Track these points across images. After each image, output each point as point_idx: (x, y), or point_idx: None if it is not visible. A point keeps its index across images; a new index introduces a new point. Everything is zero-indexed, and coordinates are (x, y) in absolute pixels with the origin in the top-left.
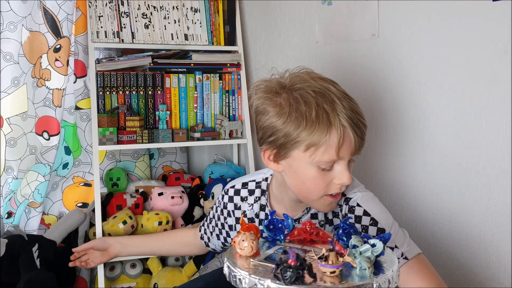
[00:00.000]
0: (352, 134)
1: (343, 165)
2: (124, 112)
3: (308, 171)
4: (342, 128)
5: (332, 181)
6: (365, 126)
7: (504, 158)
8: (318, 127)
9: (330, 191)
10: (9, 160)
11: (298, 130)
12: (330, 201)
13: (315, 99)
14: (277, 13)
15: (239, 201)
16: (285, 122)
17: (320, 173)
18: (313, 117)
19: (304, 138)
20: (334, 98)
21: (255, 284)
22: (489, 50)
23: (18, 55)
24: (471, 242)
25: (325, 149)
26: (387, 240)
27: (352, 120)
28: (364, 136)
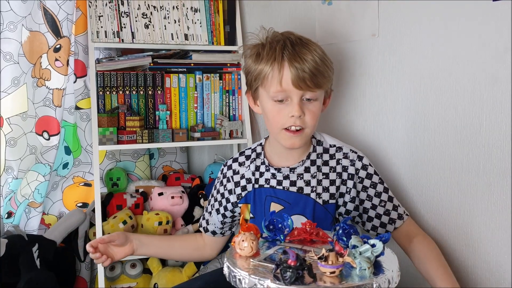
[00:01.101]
0: (290, 69)
1: (294, 99)
2: (124, 112)
3: (268, 105)
4: (282, 62)
5: (286, 114)
6: (313, 68)
7: (504, 158)
8: (266, 61)
9: (286, 124)
10: (9, 160)
11: (256, 65)
12: (288, 135)
13: (271, 43)
14: (277, 13)
15: (237, 167)
16: (252, 62)
17: (276, 106)
18: (264, 54)
19: (259, 72)
20: (287, 43)
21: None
22: (489, 50)
23: (18, 55)
24: (471, 242)
25: (271, 80)
26: (387, 240)
27: (293, 58)
28: (312, 76)
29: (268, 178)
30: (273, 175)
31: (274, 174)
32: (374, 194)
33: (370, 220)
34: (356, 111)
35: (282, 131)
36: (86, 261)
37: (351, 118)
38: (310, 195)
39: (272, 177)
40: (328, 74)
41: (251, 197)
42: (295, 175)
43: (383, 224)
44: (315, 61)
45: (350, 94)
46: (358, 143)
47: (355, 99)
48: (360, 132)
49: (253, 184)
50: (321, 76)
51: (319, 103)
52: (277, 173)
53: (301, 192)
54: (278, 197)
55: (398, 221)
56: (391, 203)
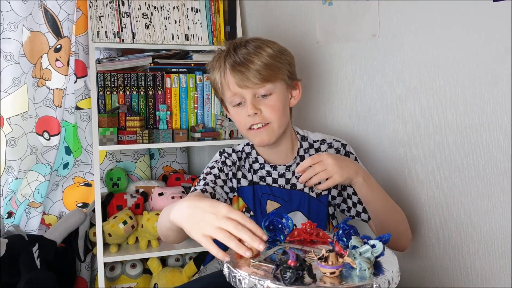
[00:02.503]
0: (232, 73)
1: (246, 99)
2: (125, 112)
3: (230, 110)
4: (224, 69)
5: (244, 115)
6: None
7: (504, 159)
8: (215, 71)
9: (247, 124)
10: (9, 160)
11: (211, 77)
12: (254, 133)
13: (220, 53)
14: (277, 13)
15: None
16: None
17: (235, 110)
18: (214, 63)
19: (213, 82)
20: (230, 48)
21: (254, 284)
22: (490, 50)
23: (19, 55)
24: (471, 242)
25: (222, 88)
26: (387, 241)
27: (234, 62)
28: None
29: (263, 175)
30: (268, 173)
31: (270, 172)
32: None
33: (354, 206)
34: (356, 111)
35: (248, 132)
36: (86, 261)
37: (351, 118)
38: (304, 190)
39: (268, 175)
40: (278, 66)
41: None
42: (290, 172)
43: (358, 213)
44: (260, 60)
45: (350, 94)
46: (358, 143)
47: (355, 99)
48: (360, 132)
49: (250, 180)
50: (268, 70)
51: (277, 96)
52: (273, 171)
53: (294, 189)
54: (275, 195)
55: None
56: None
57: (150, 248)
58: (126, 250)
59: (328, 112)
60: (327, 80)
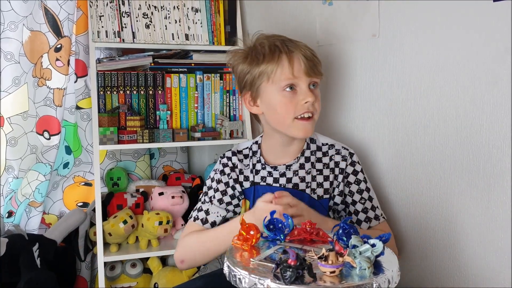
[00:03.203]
0: (301, 57)
1: (304, 86)
2: (125, 112)
3: (276, 97)
4: (290, 53)
5: (298, 102)
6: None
7: (504, 159)
8: (271, 56)
9: (298, 112)
10: (9, 160)
11: (258, 65)
12: (302, 124)
13: (267, 40)
14: (278, 13)
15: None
16: (249, 64)
17: (285, 97)
18: (266, 50)
19: (264, 70)
20: (285, 39)
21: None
22: (490, 50)
23: (19, 55)
24: (471, 242)
25: (281, 71)
26: (387, 240)
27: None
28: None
29: (265, 176)
30: (270, 173)
31: (271, 172)
32: (356, 191)
33: (356, 213)
34: (356, 111)
35: (294, 121)
36: (86, 261)
37: (350, 118)
38: (306, 190)
39: (269, 175)
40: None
41: (250, 193)
42: (291, 172)
43: (359, 221)
44: (311, 51)
45: (350, 94)
46: (358, 143)
47: (355, 99)
48: (360, 132)
49: (251, 181)
50: (320, 64)
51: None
52: (274, 171)
53: (296, 188)
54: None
55: (373, 221)
56: (370, 203)
57: (150, 248)
58: (126, 250)
59: (327, 111)
60: (327, 80)
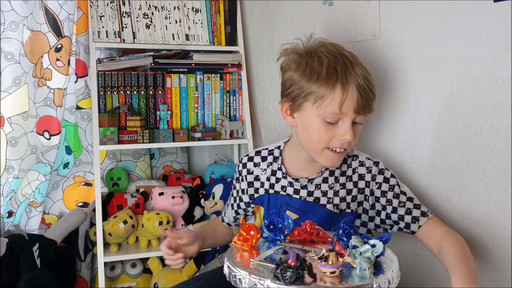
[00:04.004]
0: (355, 93)
1: (347, 123)
2: (125, 112)
3: (315, 122)
4: (346, 85)
5: (335, 136)
6: (372, 91)
7: (504, 159)
8: (326, 81)
9: (332, 145)
10: (10, 160)
11: (310, 83)
12: (331, 155)
13: (328, 59)
14: (278, 13)
15: (252, 167)
16: (300, 76)
17: (325, 126)
18: (323, 73)
19: (313, 91)
20: (346, 62)
21: (255, 284)
22: (490, 50)
23: (19, 55)
24: (471, 242)
25: (330, 101)
26: (387, 240)
27: (357, 81)
28: (370, 100)
29: (285, 185)
30: (290, 183)
31: (292, 182)
32: (393, 197)
33: (396, 223)
34: None
35: (325, 151)
36: (86, 261)
37: None
38: (326, 206)
39: (289, 185)
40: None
41: (265, 200)
42: (313, 185)
43: (407, 225)
44: (371, 83)
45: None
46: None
47: None
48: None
49: (267, 189)
50: (374, 98)
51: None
52: (295, 182)
53: (317, 202)
54: (294, 206)
55: (421, 218)
56: (411, 203)
57: (150, 248)
58: (126, 250)
59: None
60: None
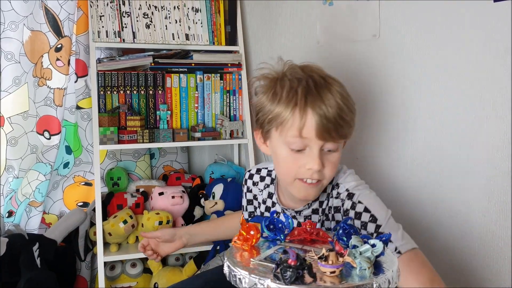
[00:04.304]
0: (315, 118)
1: (314, 150)
2: (125, 112)
3: (281, 151)
4: (305, 109)
5: (303, 165)
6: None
7: (504, 159)
8: (286, 104)
9: (301, 175)
10: (10, 159)
11: (272, 107)
12: (303, 187)
13: (291, 82)
14: (278, 13)
15: (251, 185)
16: (266, 100)
17: (291, 155)
18: (284, 96)
19: (275, 115)
20: (311, 85)
21: (255, 283)
22: (490, 50)
23: (20, 55)
24: (471, 242)
25: (290, 126)
26: (387, 240)
27: (319, 106)
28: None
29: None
30: (282, 210)
31: (283, 210)
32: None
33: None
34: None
35: (296, 181)
36: (86, 261)
37: None
38: None
39: (282, 212)
40: (353, 120)
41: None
42: (301, 217)
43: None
44: (341, 108)
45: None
46: (358, 143)
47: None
48: (360, 132)
49: (262, 212)
50: (347, 126)
51: (339, 153)
52: (286, 211)
53: None
54: None
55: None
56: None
57: None
58: (126, 250)
59: None
60: None
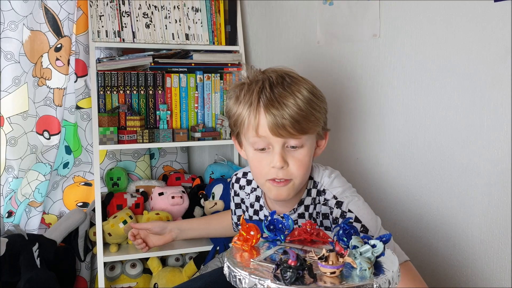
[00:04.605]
0: (268, 116)
1: (275, 147)
2: (125, 112)
3: (249, 152)
4: (258, 108)
5: (268, 164)
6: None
7: (504, 159)
8: (243, 105)
9: (269, 175)
10: (9, 159)
11: (234, 109)
12: (272, 186)
13: (250, 85)
14: (278, 13)
15: (238, 189)
16: (231, 104)
17: (257, 155)
18: (241, 97)
19: (237, 117)
20: (266, 84)
21: (255, 284)
22: (490, 50)
23: (19, 54)
24: (471, 242)
25: (248, 125)
26: (387, 240)
27: (270, 103)
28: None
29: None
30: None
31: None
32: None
33: None
34: (356, 111)
35: (266, 182)
36: (86, 261)
37: (351, 118)
38: None
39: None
40: (316, 117)
41: None
42: None
43: None
44: (298, 106)
45: (350, 95)
46: (358, 143)
47: (356, 100)
48: (360, 132)
49: (251, 216)
50: (306, 121)
51: (307, 149)
52: None
53: None
54: None
55: None
56: None
57: None
58: (126, 250)
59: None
60: (328, 80)
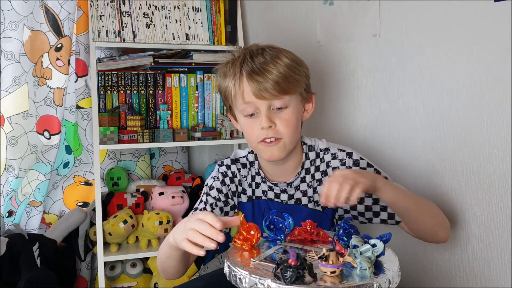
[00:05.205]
0: (249, 82)
1: (262, 110)
2: (125, 112)
3: (241, 120)
4: (240, 77)
5: (258, 127)
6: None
7: (505, 159)
8: (229, 78)
9: (260, 137)
10: (10, 159)
11: (222, 83)
12: (264, 147)
13: (235, 58)
14: (278, 13)
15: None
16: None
17: (248, 121)
18: (227, 72)
19: (225, 89)
20: (247, 56)
21: (255, 283)
22: (491, 50)
23: (20, 54)
24: (471, 242)
25: (235, 96)
26: (387, 240)
27: (251, 70)
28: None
29: (266, 190)
30: (270, 188)
31: (271, 187)
32: None
33: (376, 215)
34: (357, 111)
35: (259, 145)
36: (86, 261)
37: (351, 118)
38: (308, 205)
39: (269, 189)
40: (296, 79)
41: (249, 207)
42: (292, 188)
43: (391, 215)
44: (278, 70)
45: (350, 95)
46: (359, 144)
47: (356, 100)
48: (360, 132)
49: (250, 196)
50: (286, 82)
51: (292, 109)
52: (275, 187)
53: (299, 204)
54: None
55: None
56: None
57: (150, 248)
58: (126, 249)
59: (327, 112)
60: (328, 80)
